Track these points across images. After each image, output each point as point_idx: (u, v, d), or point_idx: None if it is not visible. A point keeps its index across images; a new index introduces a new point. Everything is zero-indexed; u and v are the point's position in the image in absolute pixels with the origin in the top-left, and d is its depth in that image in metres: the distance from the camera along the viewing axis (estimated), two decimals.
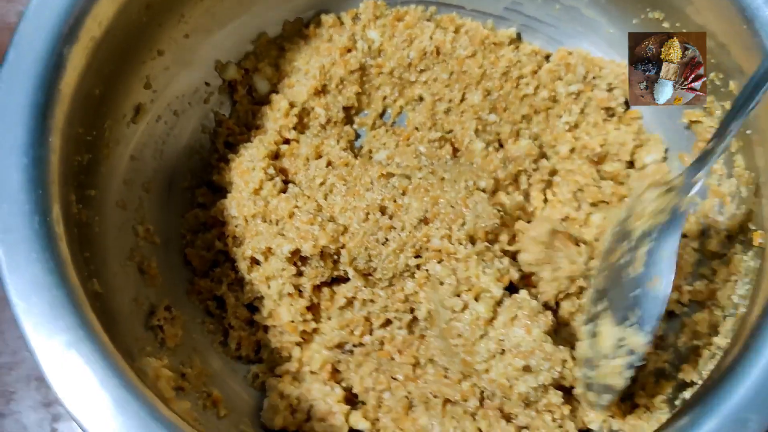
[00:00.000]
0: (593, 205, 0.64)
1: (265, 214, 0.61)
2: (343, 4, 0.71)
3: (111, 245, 0.57)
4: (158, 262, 0.62)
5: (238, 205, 0.62)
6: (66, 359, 0.42)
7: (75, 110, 0.51)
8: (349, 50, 0.69)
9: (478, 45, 0.69)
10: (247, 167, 0.63)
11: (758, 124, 0.54)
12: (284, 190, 0.63)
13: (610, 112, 0.67)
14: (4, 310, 0.66)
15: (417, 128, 0.70)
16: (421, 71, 0.70)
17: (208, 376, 0.60)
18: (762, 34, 0.52)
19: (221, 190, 0.66)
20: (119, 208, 0.59)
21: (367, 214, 0.60)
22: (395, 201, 0.60)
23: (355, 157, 0.67)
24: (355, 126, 0.72)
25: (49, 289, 0.44)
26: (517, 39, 0.72)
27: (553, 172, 0.66)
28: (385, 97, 0.71)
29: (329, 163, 0.64)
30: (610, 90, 0.67)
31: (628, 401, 0.57)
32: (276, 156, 0.66)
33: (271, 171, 0.63)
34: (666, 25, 0.60)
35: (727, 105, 0.57)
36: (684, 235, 0.62)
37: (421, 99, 0.71)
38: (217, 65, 0.69)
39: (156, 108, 0.64)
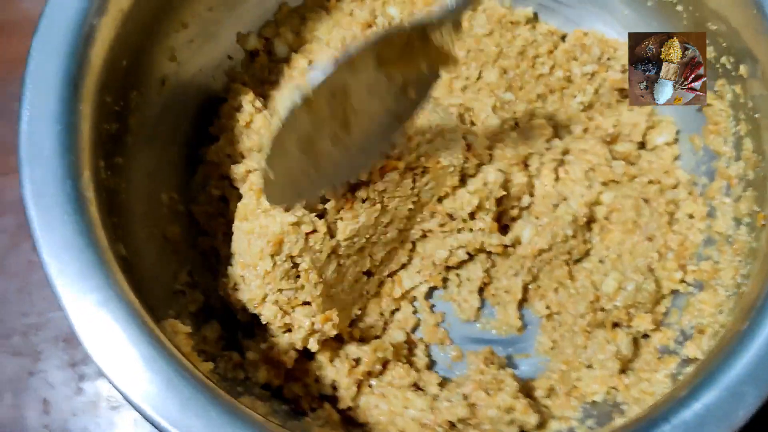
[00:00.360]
0: (604, 184, 0.65)
1: (260, 148, 0.63)
2: None
3: (137, 212, 0.59)
4: (181, 229, 0.64)
5: (231, 142, 0.64)
6: (96, 317, 0.45)
7: (104, 80, 0.53)
8: (370, 25, 0.70)
9: (495, 24, 0.71)
10: (233, 105, 0.65)
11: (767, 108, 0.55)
12: None
13: (623, 93, 0.68)
14: (33, 272, 0.70)
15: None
16: None
17: (227, 341, 0.62)
18: None
19: None
20: (145, 177, 0.61)
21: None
22: None
23: None
24: None
25: (79, 250, 0.46)
26: (534, 19, 0.73)
27: (566, 152, 0.68)
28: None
29: None
30: (624, 71, 0.68)
31: (632, 375, 0.59)
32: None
33: (259, 105, 0.65)
34: (680, 8, 0.61)
35: (738, 89, 0.58)
36: (690, 216, 0.63)
37: None
38: (239, 37, 0.70)
39: (180, 80, 0.65)
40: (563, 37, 0.72)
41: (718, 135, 0.62)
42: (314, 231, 0.57)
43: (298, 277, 0.57)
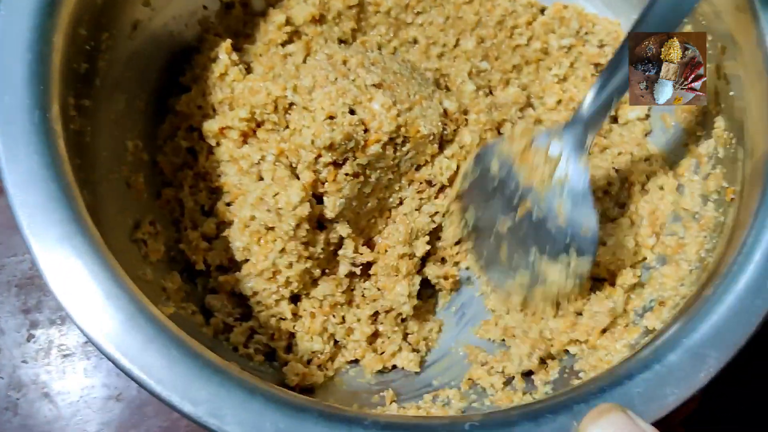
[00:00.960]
0: None
1: (233, 101, 0.63)
2: None
3: (100, 156, 0.57)
4: (144, 178, 0.63)
5: (204, 93, 0.64)
6: (59, 251, 0.43)
7: (78, 15, 0.51)
8: None
9: None
10: (209, 56, 0.65)
11: (743, 90, 0.56)
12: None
13: (599, 67, 0.69)
14: None
15: None
16: (418, 13, 0.71)
17: (187, 293, 0.62)
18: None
19: None
20: (111, 122, 0.60)
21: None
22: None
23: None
24: None
25: (45, 182, 0.44)
26: None
27: (538, 122, 0.68)
28: (380, 36, 0.72)
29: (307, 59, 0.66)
30: (601, 46, 0.69)
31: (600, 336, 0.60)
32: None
33: (235, 57, 0.64)
34: None
35: (713, 67, 0.59)
36: (661, 188, 0.64)
37: (415, 41, 0.72)
38: None
39: (153, 26, 0.64)
40: (543, 10, 0.72)
41: (689, 113, 0.63)
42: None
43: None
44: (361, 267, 0.63)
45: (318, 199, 0.61)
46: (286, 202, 0.57)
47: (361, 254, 0.63)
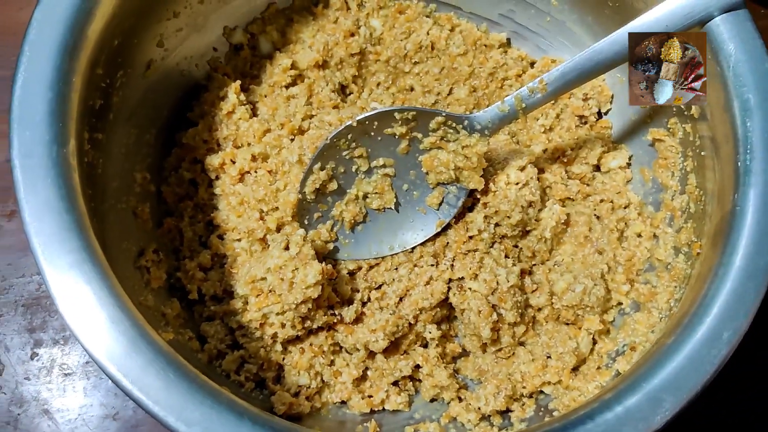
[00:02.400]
0: (560, 201, 0.69)
1: (237, 138, 0.67)
2: None
3: (110, 187, 0.61)
4: (151, 208, 0.67)
5: (210, 128, 0.68)
6: (69, 277, 0.47)
7: (96, 56, 0.55)
8: (353, 34, 0.74)
9: (471, 45, 0.75)
10: (218, 94, 0.69)
11: (713, 147, 0.60)
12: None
13: (583, 119, 0.73)
14: (1, 238, 0.72)
15: None
16: (415, 63, 0.75)
17: (185, 319, 0.65)
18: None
19: None
20: (121, 154, 0.63)
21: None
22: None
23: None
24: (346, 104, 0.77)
25: (59, 213, 0.48)
26: (507, 44, 0.78)
27: (522, 168, 0.72)
28: (378, 84, 0.76)
29: (310, 100, 0.71)
30: (585, 99, 0.73)
31: (571, 378, 0.63)
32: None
33: (242, 98, 0.69)
34: None
35: (688, 128, 0.63)
36: (639, 235, 0.68)
37: (411, 89, 0.76)
38: (225, 30, 0.73)
39: (165, 65, 0.68)
40: (532, 63, 0.76)
41: (666, 169, 0.66)
42: None
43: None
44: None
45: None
46: (301, 279, 0.60)
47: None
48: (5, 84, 0.75)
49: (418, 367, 0.67)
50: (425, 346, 0.67)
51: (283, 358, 0.65)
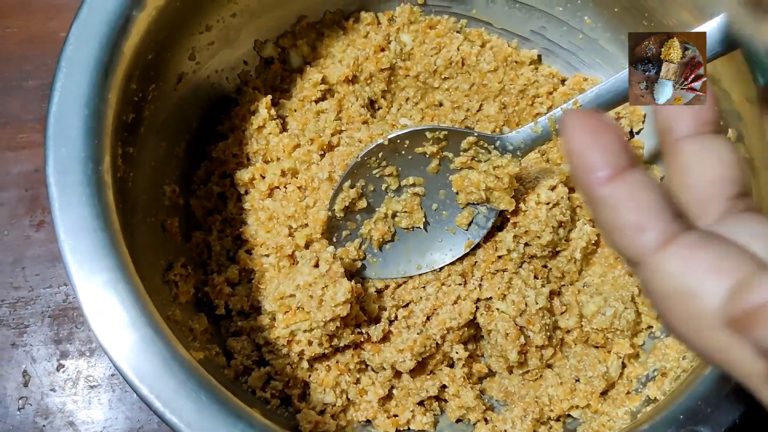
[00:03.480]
0: (590, 221, 0.69)
1: (267, 153, 0.66)
2: (381, 5, 0.75)
3: (140, 200, 0.61)
4: (179, 222, 0.67)
5: (240, 143, 0.68)
6: (102, 296, 0.47)
7: (131, 71, 0.55)
8: (383, 49, 0.73)
9: (501, 61, 0.74)
10: (249, 108, 0.69)
11: (751, 171, 0.59)
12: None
13: None
14: (29, 248, 0.72)
15: None
16: (445, 79, 0.75)
17: (211, 334, 0.65)
18: None
19: None
20: (150, 168, 0.63)
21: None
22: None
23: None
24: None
25: (94, 231, 0.48)
26: (538, 61, 0.77)
27: (553, 188, 0.71)
28: (407, 99, 0.76)
29: (339, 115, 0.71)
30: (617, 119, 0.72)
31: (600, 402, 0.63)
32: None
33: (273, 112, 0.69)
34: None
35: None
36: None
37: (440, 105, 0.76)
38: (256, 44, 0.73)
39: (196, 78, 0.68)
40: (563, 81, 0.76)
41: None
42: None
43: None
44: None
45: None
46: (330, 297, 0.60)
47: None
48: (36, 93, 0.77)
49: (444, 387, 0.66)
50: (451, 366, 0.67)
51: (309, 376, 0.65)
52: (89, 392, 0.68)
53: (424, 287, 0.67)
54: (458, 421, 0.66)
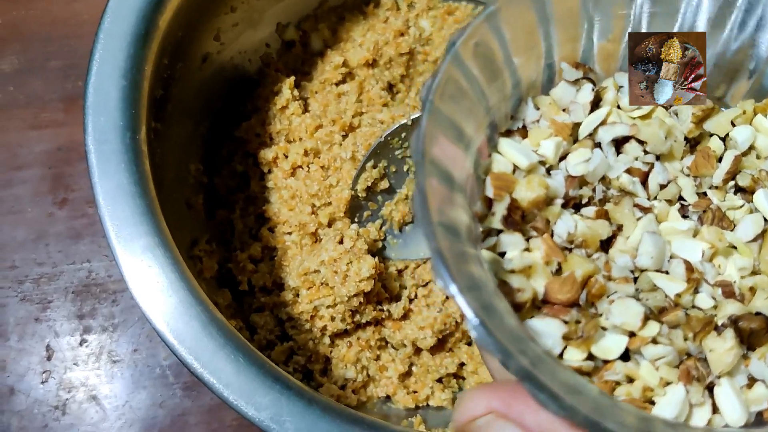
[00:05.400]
0: None
1: (290, 133, 0.67)
2: None
3: (167, 177, 0.62)
4: (204, 199, 0.68)
5: (263, 123, 0.69)
6: (142, 260, 0.48)
7: (164, 46, 0.56)
8: (402, 34, 0.74)
9: None
10: (272, 89, 0.70)
11: None
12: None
13: None
14: (52, 225, 0.73)
15: None
16: None
17: (235, 309, 0.65)
18: None
19: None
20: (177, 146, 0.64)
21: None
22: None
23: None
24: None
25: (132, 198, 0.49)
26: None
27: None
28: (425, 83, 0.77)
29: (360, 98, 0.72)
30: None
31: None
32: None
33: (296, 93, 0.70)
34: None
35: None
36: None
37: None
38: (279, 27, 0.74)
39: (220, 59, 0.69)
40: None
41: None
42: None
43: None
44: None
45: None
46: (355, 272, 0.61)
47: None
48: (58, 74, 0.78)
49: (462, 364, 0.67)
50: (470, 344, 0.68)
51: (331, 351, 0.66)
52: (112, 367, 0.69)
53: None
54: None
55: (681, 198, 0.38)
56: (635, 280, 0.35)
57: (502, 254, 0.35)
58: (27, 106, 0.76)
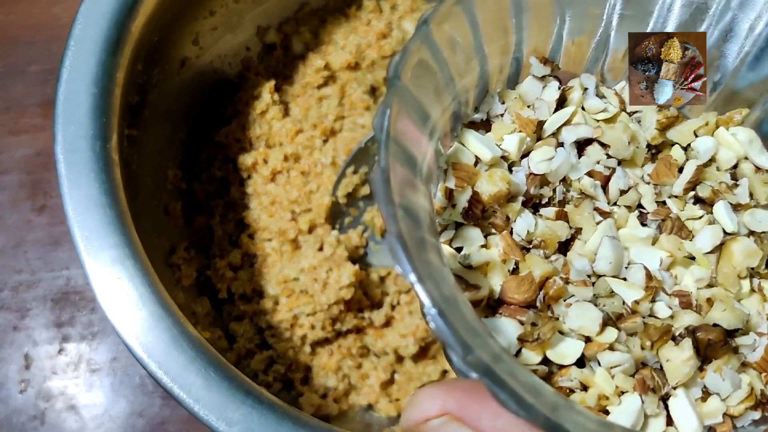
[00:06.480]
0: None
1: (270, 137, 0.67)
2: None
3: (143, 184, 0.61)
4: (182, 205, 0.67)
5: (243, 127, 0.68)
6: (111, 272, 0.47)
7: (137, 52, 0.55)
8: (385, 36, 0.73)
9: None
10: (252, 93, 0.69)
11: None
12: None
13: None
14: (30, 232, 0.72)
15: None
16: None
17: (214, 318, 0.65)
18: None
19: None
20: (155, 151, 0.63)
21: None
22: None
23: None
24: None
25: (102, 208, 0.48)
26: None
27: None
28: None
29: (342, 101, 0.70)
30: None
31: None
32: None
33: (276, 97, 0.69)
34: None
35: None
36: None
37: None
38: (259, 30, 0.73)
39: (199, 63, 0.68)
40: None
41: None
42: None
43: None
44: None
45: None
46: (335, 280, 0.60)
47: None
48: (38, 78, 0.77)
49: (445, 372, 0.66)
50: None
51: (312, 360, 0.65)
52: (90, 376, 0.68)
53: None
54: None
55: (640, 205, 0.37)
56: (593, 285, 0.34)
57: (459, 249, 0.35)
58: (7, 111, 0.75)
